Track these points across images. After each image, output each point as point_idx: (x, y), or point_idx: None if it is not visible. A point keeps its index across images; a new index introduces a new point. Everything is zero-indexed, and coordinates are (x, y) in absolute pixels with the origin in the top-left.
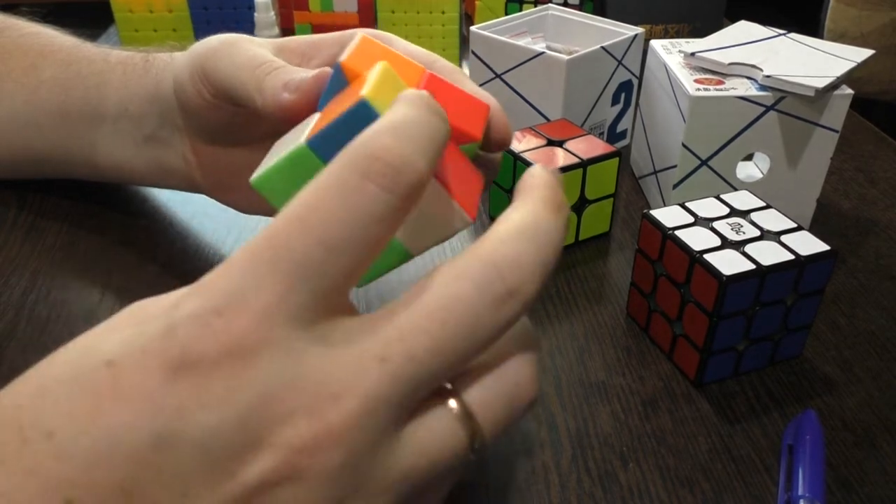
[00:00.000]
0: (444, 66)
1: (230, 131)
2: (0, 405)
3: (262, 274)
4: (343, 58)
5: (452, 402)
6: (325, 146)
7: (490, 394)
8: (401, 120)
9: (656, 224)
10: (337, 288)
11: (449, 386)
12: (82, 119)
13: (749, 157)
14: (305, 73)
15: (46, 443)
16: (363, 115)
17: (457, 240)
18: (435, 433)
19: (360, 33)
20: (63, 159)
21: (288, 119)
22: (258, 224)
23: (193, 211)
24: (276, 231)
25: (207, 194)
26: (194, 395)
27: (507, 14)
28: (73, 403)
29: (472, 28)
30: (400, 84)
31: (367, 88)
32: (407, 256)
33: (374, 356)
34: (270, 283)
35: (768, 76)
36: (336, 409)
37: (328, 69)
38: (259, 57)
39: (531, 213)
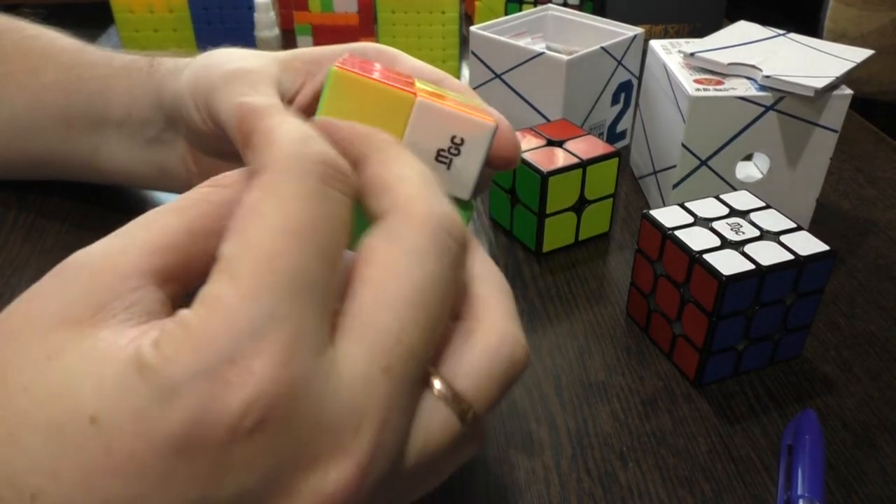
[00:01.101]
0: (452, 84)
1: (232, 149)
2: None
3: (271, 303)
4: (319, 111)
5: (437, 384)
6: None
7: (477, 369)
8: (308, 132)
9: (656, 224)
10: (334, 302)
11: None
12: (85, 123)
13: (749, 158)
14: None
15: (21, 500)
16: None
17: None
18: (427, 421)
19: (359, 47)
20: (64, 162)
21: None
22: None
23: None
24: (273, 249)
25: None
26: (212, 471)
27: (507, 14)
28: (58, 463)
29: (472, 28)
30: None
31: None
32: (472, 208)
33: (378, 368)
34: (284, 312)
35: (768, 76)
36: (358, 442)
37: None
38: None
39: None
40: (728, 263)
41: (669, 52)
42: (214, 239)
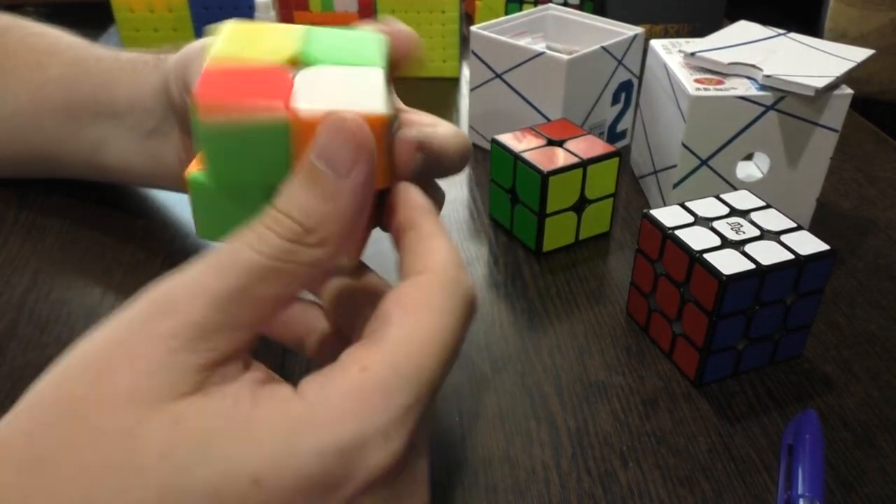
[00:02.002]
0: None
1: None
2: None
3: (413, 398)
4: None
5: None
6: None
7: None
8: (458, 255)
9: (656, 224)
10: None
11: None
12: (88, 115)
13: (749, 157)
14: None
15: None
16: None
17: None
18: None
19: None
20: (65, 157)
21: None
22: None
23: None
24: (420, 359)
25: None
26: None
27: (507, 14)
28: None
29: (473, 28)
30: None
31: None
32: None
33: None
34: (417, 406)
35: (768, 76)
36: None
37: None
38: None
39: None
40: (728, 263)
41: (670, 52)
42: (290, 303)
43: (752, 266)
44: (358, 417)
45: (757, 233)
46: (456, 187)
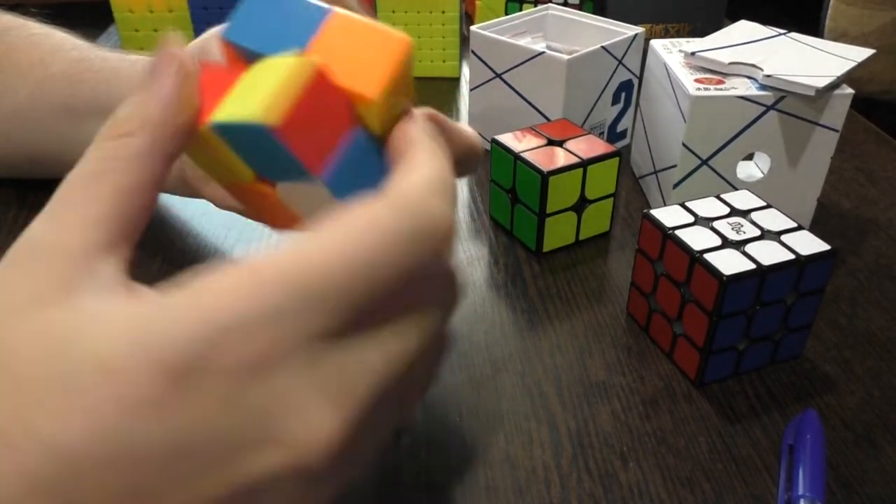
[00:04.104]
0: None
1: None
2: None
3: (302, 302)
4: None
5: None
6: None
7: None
8: (444, 180)
9: (656, 224)
10: (356, 320)
11: None
12: (87, 112)
13: (749, 157)
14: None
15: (39, 446)
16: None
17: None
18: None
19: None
20: (64, 156)
21: None
22: (258, 224)
23: (193, 211)
24: (325, 265)
25: (187, 191)
26: (210, 406)
27: (507, 14)
28: (69, 406)
29: (473, 28)
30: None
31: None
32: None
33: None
34: (308, 313)
35: (768, 76)
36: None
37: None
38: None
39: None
40: (729, 263)
41: (670, 52)
42: (140, 194)
43: (753, 266)
44: (213, 306)
45: (757, 233)
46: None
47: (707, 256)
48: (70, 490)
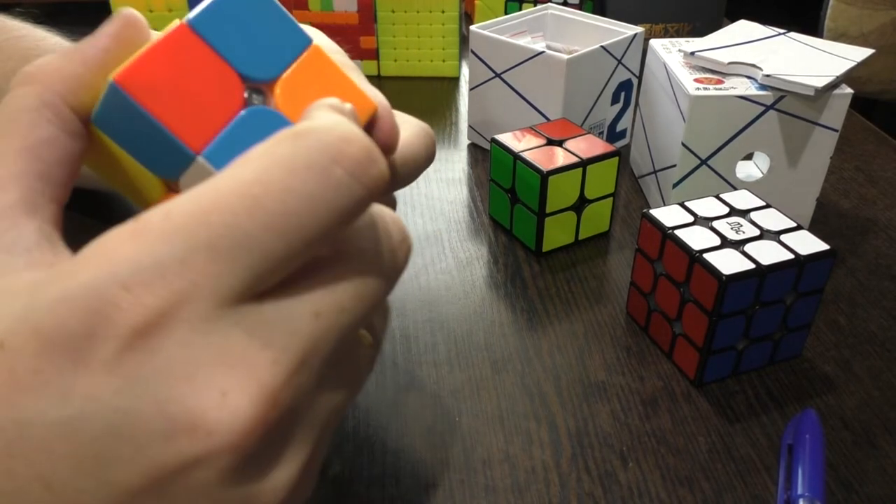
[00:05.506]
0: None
1: None
2: None
3: (191, 251)
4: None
5: None
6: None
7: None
8: (351, 126)
9: (656, 223)
10: (275, 273)
11: None
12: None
13: (749, 157)
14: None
15: None
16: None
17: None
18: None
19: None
20: None
21: None
22: None
23: None
24: (218, 205)
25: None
26: (104, 379)
27: (506, 13)
28: None
29: (472, 27)
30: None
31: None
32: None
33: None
34: (201, 263)
35: (768, 75)
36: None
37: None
38: None
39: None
40: (728, 263)
41: (669, 52)
42: (50, 148)
43: (752, 266)
44: (92, 263)
45: (757, 232)
46: (455, 187)
47: (706, 256)
48: None
